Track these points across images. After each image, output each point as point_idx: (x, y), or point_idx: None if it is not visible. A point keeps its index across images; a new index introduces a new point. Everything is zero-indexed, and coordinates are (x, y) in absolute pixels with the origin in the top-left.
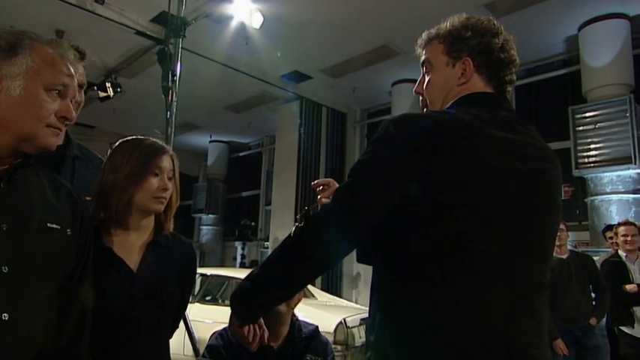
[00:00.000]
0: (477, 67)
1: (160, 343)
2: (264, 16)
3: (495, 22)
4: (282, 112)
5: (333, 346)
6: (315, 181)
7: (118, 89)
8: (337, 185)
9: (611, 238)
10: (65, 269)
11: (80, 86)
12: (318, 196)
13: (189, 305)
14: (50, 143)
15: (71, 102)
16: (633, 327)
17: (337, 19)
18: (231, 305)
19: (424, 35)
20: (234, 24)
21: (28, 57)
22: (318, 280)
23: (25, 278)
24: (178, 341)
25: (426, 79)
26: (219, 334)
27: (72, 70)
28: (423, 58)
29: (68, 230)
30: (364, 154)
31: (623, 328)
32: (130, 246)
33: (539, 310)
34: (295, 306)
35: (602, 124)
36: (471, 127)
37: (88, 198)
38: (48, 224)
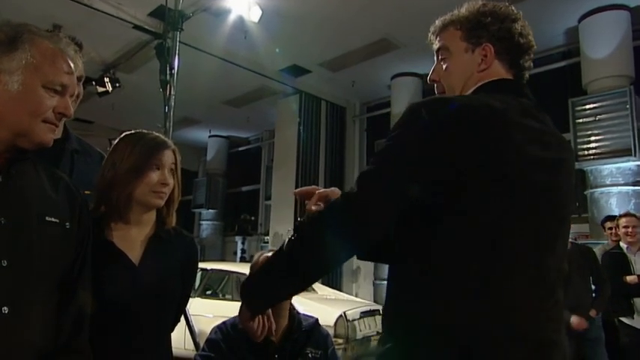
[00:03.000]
0: (498, 53)
1: (162, 337)
2: (262, 10)
3: (513, 8)
4: (281, 106)
5: (333, 339)
6: (297, 190)
7: (117, 84)
8: (321, 191)
9: (610, 229)
10: (64, 263)
11: (78, 79)
12: (307, 206)
13: (190, 299)
14: (46, 139)
15: (71, 96)
16: (633, 318)
17: (336, 13)
18: (242, 297)
19: (437, 22)
20: (232, 18)
21: (27, 52)
22: None
23: (25, 272)
24: (179, 335)
25: (443, 66)
26: (219, 328)
27: (72, 67)
28: (438, 45)
29: (67, 224)
30: (391, 139)
31: (624, 319)
32: (132, 240)
33: (560, 298)
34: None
35: (602, 116)
36: (504, 115)
37: (87, 192)
38: (47, 218)
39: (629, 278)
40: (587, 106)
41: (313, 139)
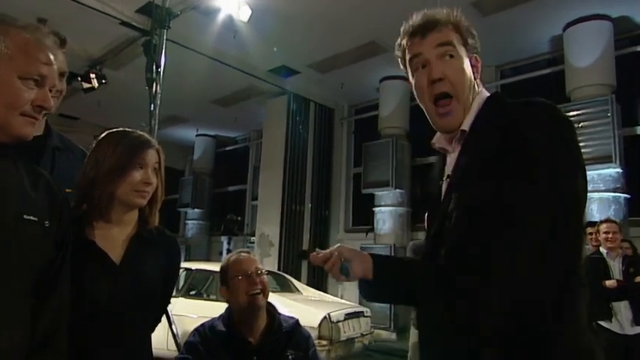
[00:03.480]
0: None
1: (142, 337)
2: (252, 10)
3: None
4: (269, 106)
5: (317, 340)
6: (321, 255)
7: (103, 81)
8: (341, 253)
9: (591, 234)
10: (42, 262)
11: (61, 74)
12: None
13: (174, 300)
14: (25, 133)
15: (51, 91)
16: (611, 321)
17: (325, 14)
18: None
19: (429, 15)
20: (221, 17)
21: (1, 43)
22: (304, 275)
23: (1, 270)
24: (162, 336)
25: (452, 63)
26: (197, 331)
27: (50, 58)
28: (443, 39)
29: (46, 222)
30: (557, 140)
31: (602, 323)
32: (113, 239)
33: None
34: (268, 296)
35: (584, 123)
36: None
37: (68, 190)
38: (24, 216)
39: (609, 283)
40: (571, 113)
41: (301, 140)
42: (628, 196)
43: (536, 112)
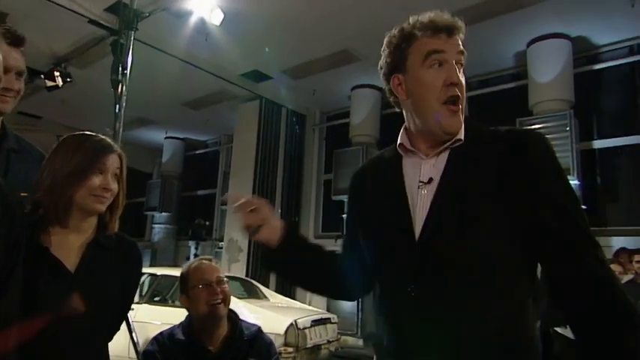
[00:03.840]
0: None
1: (99, 346)
2: (224, 14)
3: None
4: (240, 111)
5: (283, 347)
6: (249, 201)
7: (68, 79)
8: (267, 212)
9: None
10: None
11: (18, 73)
12: (243, 217)
13: (137, 306)
14: None
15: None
16: (566, 327)
17: (299, 21)
18: None
19: (453, 19)
20: (193, 19)
21: None
22: (272, 282)
23: None
24: (123, 344)
25: (462, 73)
26: (155, 339)
27: None
28: (462, 47)
29: None
30: (562, 174)
31: (558, 329)
32: (69, 246)
33: None
34: (229, 305)
35: (546, 136)
36: None
37: (24, 194)
38: None
39: None
40: (533, 127)
41: (272, 145)
42: (584, 207)
43: (544, 146)
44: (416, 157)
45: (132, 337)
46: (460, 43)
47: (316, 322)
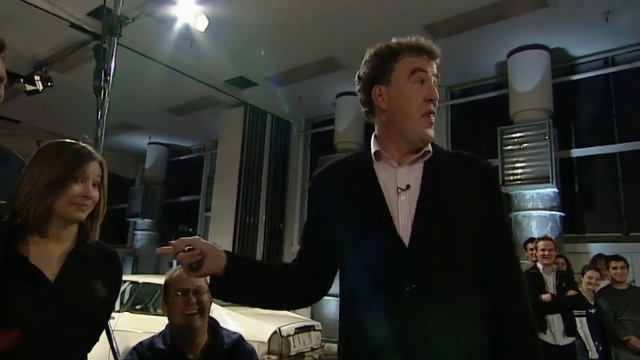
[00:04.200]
0: None
1: (78, 356)
2: (209, 20)
3: None
4: (225, 117)
5: (267, 355)
6: (180, 241)
7: (49, 83)
8: (202, 244)
9: (532, 249)
10: None
11: None
12: (181, 258)
13: (118, 315)
14: None
15: None
16: (546, 333)
17: (285, 28)
18: None
19: (430, 44)
20: (178, 26)
21: None
22: None
23: None
24: (102, 353)
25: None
26: (135, 349)
27: None
28: (436, 70)
29: None
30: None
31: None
32: (49, 255)
33: None
34: (207, 315)
35: (525, 145)
36: None
37: (2, 202)
38: None
39: (544, 296)
40: (514, 135)
41: (257, 151)
42: (563, 214)
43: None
44: (388, 164)
45: (112, 347)
46: (436, 67)
47: (300, 330)
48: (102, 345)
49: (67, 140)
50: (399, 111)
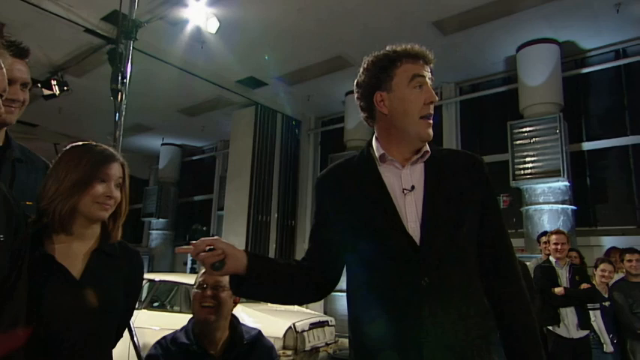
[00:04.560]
0: None
1: (103, 353)
2: (220, 22)
3: None
4: (236, 117)
5: (282, 350)
6: (201, 241)
7: (65, 88)
8: (223, 244)
9: (545, 243)
10: None
11: (23, 85)
12: (203, 258)
13: (136, 312)
14: None
15: (1, 96)
16: (559, 326)
17: (293, 28)
18: None
19: (424, 50)
20: (189, 27)
21: None
22: None
23: None
24: (123, 350)
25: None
26: (158, 343)
27: None
28: (430, 75)
29: (1, 236)
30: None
31: (550, 328)
32: (74, 254)
33: None
34: (229, 314)
35: (536, 139)
36: None
37: (29, 203)
38: None
39: (557, 290)
40: (524, 129)
41: (268, 150)
42: (575, 207)
43: (484, 164)
44: (392, 166)
45: (134, 342)
46: (430, 71)
47: (314, 325)
48: (121, 341)
49: (90, 142)
50: (400, 114)
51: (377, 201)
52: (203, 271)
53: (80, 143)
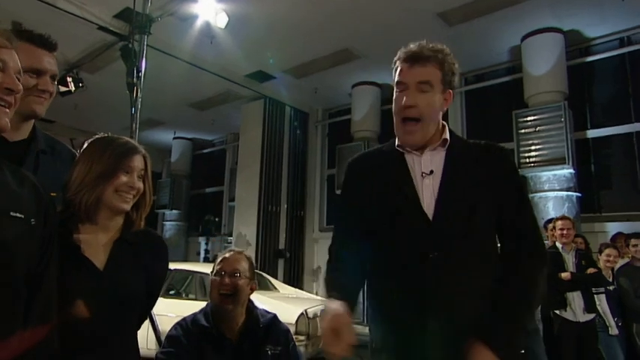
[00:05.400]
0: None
1: (127, 339)
2: (229, 16)
3: None
4: (246, 110)
5: (295, 336)
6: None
7: (80, 84)
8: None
9: (552, 229)
10: (29, 259)
11: (52, 77)
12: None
13: None
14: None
15: (19, 79)
16: (566, 310)
17: (301, 22)
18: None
19: (415, 49)
20: (199, 23)
21: None
22: (280, 274)
23: None
24: (141, 335)
25: (424, 97)
26: (179, 324)
27: (6, 43)
28: (423, 78)
29: (32, 220)
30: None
31: (557, 312)
32: (98, 244)
33: None
34: (246, 300)
35: (541, 127)
36: None
37: (53, 194)
38: (11, 213)
39: (564, 275)
40: (529, 118)
41: (277, 142)
42: (579, 194)
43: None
44: (412, 154)
45: (155, 329)
46: (422, 72)
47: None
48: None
49: (113, 135)
50: (394, 116)
51: (398, 181)
52: (221, 258)
53: (104, 136)
